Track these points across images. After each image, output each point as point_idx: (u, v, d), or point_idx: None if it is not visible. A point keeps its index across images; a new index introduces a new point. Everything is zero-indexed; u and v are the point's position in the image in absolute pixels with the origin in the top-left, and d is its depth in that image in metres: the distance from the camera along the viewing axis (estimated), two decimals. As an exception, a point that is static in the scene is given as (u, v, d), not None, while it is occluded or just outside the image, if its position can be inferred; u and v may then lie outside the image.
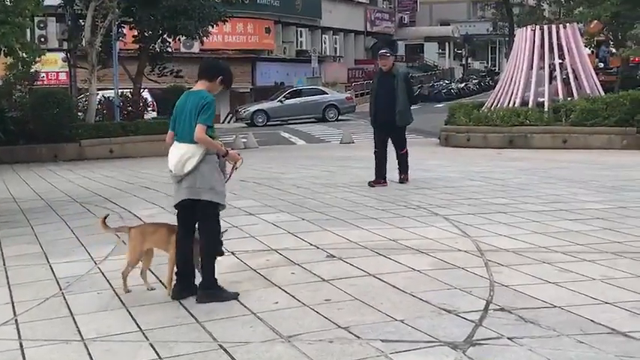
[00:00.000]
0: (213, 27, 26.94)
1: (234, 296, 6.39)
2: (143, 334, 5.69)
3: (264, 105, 40.04)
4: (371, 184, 13.00)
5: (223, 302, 6.30)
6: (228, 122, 43.95)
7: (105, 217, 7.03)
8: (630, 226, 9.24)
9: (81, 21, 24.70)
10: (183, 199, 6.43)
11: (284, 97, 40.21)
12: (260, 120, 38.89)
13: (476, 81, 59.44)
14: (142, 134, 22.83)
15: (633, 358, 4.87)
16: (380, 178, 13.07)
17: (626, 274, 6.94)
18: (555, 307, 5.97)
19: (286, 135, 32.56)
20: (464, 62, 74.31)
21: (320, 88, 43.24)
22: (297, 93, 40.95)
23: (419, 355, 5.00)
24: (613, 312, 5.84)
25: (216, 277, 6.47)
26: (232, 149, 6.91)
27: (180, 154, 6.37)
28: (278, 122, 38.72)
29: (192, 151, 6.32)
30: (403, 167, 13.34)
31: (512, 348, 5.07)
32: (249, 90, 46.88)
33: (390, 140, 13.24)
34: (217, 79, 6.58)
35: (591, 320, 5.62)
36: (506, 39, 59.46)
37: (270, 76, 48.24)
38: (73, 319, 6.15)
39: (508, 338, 5.21)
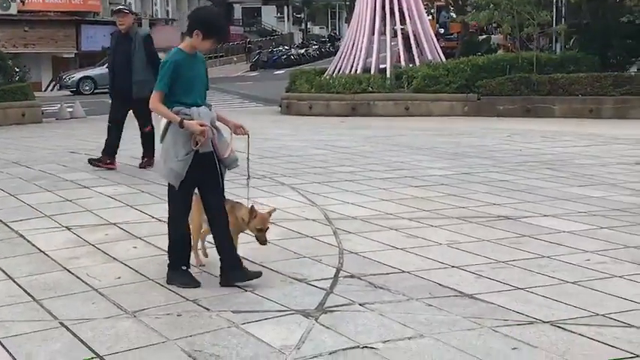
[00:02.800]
0: (33, -14, 26.07)
1: (194, 284, 6.00)
2: (-25, 315, 5.58)
3: (91, 72, 39.09)
4: (94, 162, 11.74)
5: (71, 282, 6.20)
6: (52, 90, 42.59)
7: None
8: (473, 191, 9.79)
9: None
10: None
11: (113, 62, 39.33)
12: (87, 88, 37.96)
13: (316, 47, 60.17)
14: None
15: (479, 318, 5.23)
16: (109, 156, 11.74)
17: (471, 239, 7.39)
18: (404, 272, 6.30)
19: (117, 104, 31.90)
20: (303, 27, 74.93)
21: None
22: (128, 59, 40.12)
23: (271, 324, 5.15)
24: (460, 275, 6.23)
25: (179, 260, 6.11)
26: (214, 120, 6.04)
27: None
28: (106, 90, 37.79)
29: (162, 120, 5.98)
30: (148, 148, 11.94)
31: (363, 314, 5.32)
32: (73, 55, 45.62)
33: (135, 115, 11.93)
34: (195, 34, 5.83)
35: (439, 284, 5.97)
36: (347, 3, 60.37)
37: (97, 40, 46.85)
38: None
39: (359, 304, 5.46)
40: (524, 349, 4.71)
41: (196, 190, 6.12)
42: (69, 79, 38.99)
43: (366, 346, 4.74)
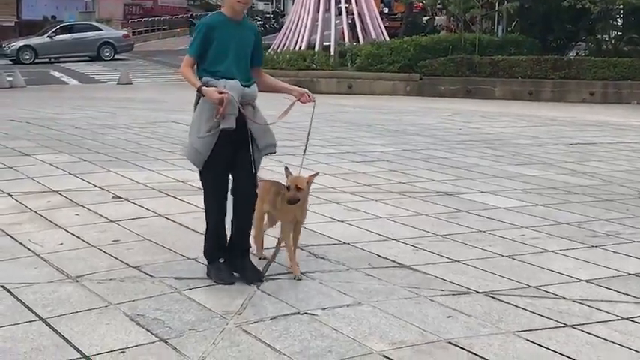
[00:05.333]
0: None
1: (229, 281, 5.33)
2: None
3: (32, 41, 38.33)
4: None
5: (14, 247, 6.18)
6: (-9, 59, 41.79)
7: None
8: (413, 167, 9.95)
9: None
10: None
11: (54, 32, 38.65)
12: (27, 57, 37.23)
13: (260, 22, 59.78)
14: None
15: (417, 288, 5.36)
16: None
17: (410, 213, 7.54)
18: (345, 243, 6.42)
19: (57, 74, 31.52)
20: (251, -1, 74.29)
21: (94, 24, 41.99)
22: (69, 29, 39.48)
23: (211, 291, 5.22)
24: (398, 247, 6.36)
25: (215, 251, 5.50)
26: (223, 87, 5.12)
27: None
28: (47, 60, 37.30)
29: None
30: None
31: (304, 282, 5.41)
32: (13, 24, 44.63)
33: None
34: None
35: (379, 255, 6.10)
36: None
37: (38, 9, 46.24)
38: None
39: (300, 273, 5.55)
40: (458, 317, 4.86)
41: (261, 176, 5.60)
42: (9, 48, 38.23)
43: (305, 312, 4.84)
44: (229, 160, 5.25)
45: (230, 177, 5.39)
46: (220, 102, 4.99)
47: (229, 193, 5.41)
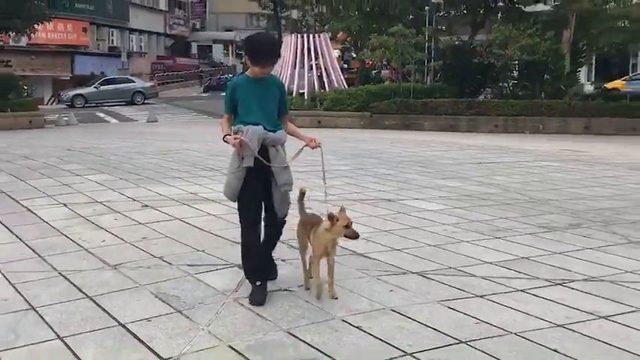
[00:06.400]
0: (38, 25, 25.31)
1: (258, 302, 4.54)
2: (-6, 268, 5.49)
3: (83, 90, 38.10)
4: None
5: (67, 244, 6.12)
6: (51, 104, 41.35)
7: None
8: (366, 181, 9.96)
9: None
10: None
11: (99, 84, 38.45)
12: (79, 102, 36.98)
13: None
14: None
15: (367, 269, 5.38)
16: None
17: (363, 214, 7.52)
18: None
19: (101, 115, 31.31)
20: (244, 60, 74.22)
21: (129, 77, 41.81)
22: (110, 81, 39.28)
23: (216, 274, 5.20)
24: (356, 242, 6.29)
25: (249, 273, 4.73)
26: (240, 133, 4.58)
27: None
28: (94, 105, 37.04)
29: None
30: None
31: (284, 267, 5.35)
32: (69, 78, 44.31)
33: None
34: (247, 58, 4.68)
35: (340, 246, 6.00)
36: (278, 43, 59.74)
37: (87, 67, 45.80)
38: None
39: (282, 260, 5.48)
40: (398, 291, 4.87)
41: (297, 212, 4.97)
42: (65, 95, 37.98)
43: (286, 289, 4.84)
44: (259, 193, 4.66)
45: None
46: (235, 145, 4.50)
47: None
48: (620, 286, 5.03)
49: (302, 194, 5.08)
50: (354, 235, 4.60)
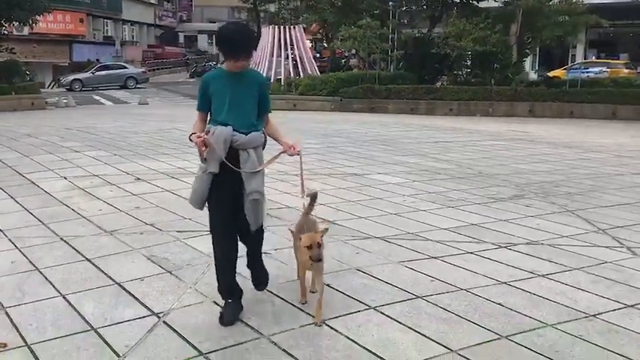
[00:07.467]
0: (40, 16, 24.83)
1: (222, 320, 3.69)
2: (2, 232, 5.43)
3: (80, 75, 37.35)
4: None
5: (68, 213, 6.06)
6: (52, 88, 40.50)
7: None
8: (336, 158, 9.98)
9: None
10: None
11: (95, 69, 37.71)
12: (77, 86, 36.24)
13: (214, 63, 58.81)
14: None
15: (336, 235, 5.39)
16: None
17: (333, 187, 7.56)
18: (290, 208, 6.36)
19: (97, 97, 30.76)
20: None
21: (122, 64, 41.07)
22: (105, 67, 38.57)
23: (202, 239, 5.17)
24: (325, 209, 6.31)
25: (220, 291, 3.85)
26: (208, 133, 3.61)
27: None
28: (90, 88, 36.40)
29: None
30: None
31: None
32: (67, 64, 43.45)
33: None
34: (219, 51, 3.74)
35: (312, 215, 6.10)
36: (256, 34, 59.19)
37: (84, 54, 44.96)
38: None
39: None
40: (363, 253, 4.94)
41: (292, 228, 4.02)
42: (64, 80, 37.29)
43: (263, 253, 4.85)
44: (227, 203, 3.66)
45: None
46: (203, 145, 3.56)
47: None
48: (556, 249, 5.15)
49: (313, 198, 4.19)
50: (316, 259, 3.66)
